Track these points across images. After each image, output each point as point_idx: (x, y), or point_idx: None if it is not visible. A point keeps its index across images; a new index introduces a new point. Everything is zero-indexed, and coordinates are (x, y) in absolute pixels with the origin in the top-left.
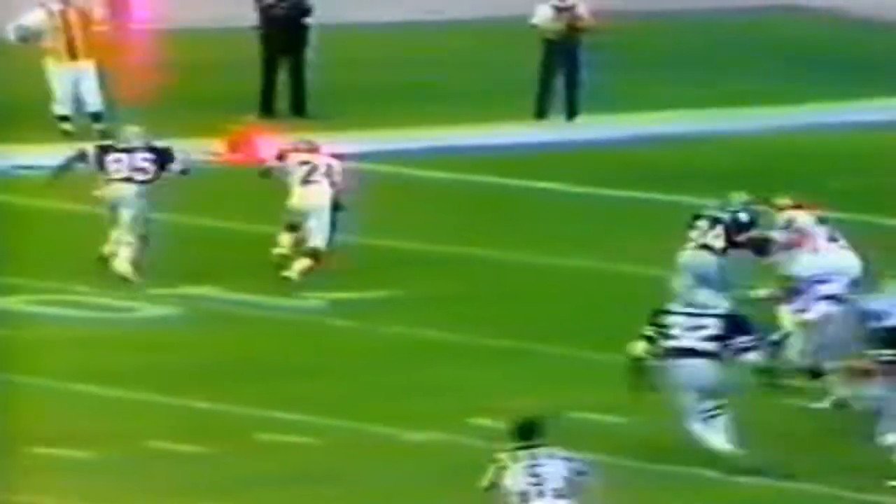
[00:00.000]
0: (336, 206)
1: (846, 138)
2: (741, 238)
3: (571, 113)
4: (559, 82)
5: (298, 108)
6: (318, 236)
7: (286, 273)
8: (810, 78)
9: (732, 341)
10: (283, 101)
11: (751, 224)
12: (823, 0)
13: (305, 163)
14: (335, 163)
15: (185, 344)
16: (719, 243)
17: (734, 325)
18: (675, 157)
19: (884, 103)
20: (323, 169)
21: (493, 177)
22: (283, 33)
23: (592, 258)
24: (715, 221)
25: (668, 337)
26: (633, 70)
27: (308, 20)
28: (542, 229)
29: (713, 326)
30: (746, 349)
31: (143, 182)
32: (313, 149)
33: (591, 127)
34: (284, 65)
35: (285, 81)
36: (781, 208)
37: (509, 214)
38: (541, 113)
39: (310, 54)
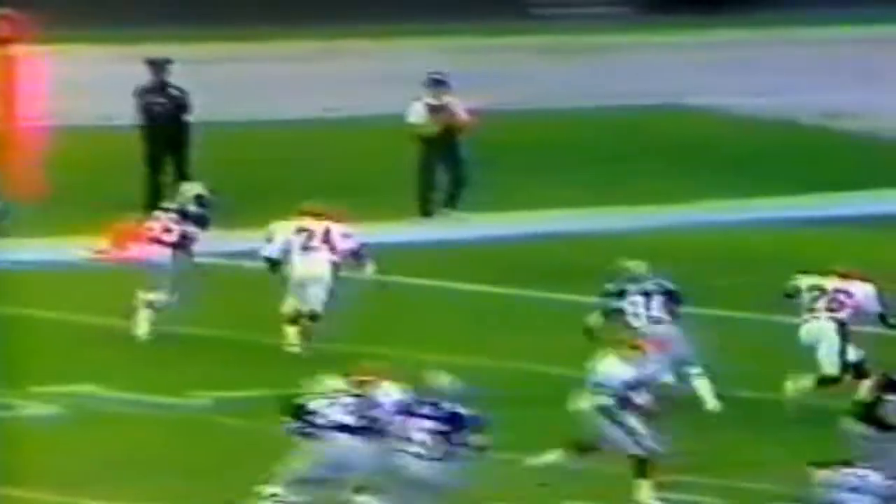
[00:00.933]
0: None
1: (731, 236)
2: None
3: (452, 208)
4: (442, 179)
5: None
6: (317, 301)
7: (290, 348)
8: (694, 176)
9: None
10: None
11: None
12: (706, 99)
13: (303, 230)
14: (334, 227)
15: (70, 443)
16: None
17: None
18: (560, 256)
19: (766, 202)
20: (320, 236)
21: (378, 274)
22: (164, 130)
23: (479, 355)
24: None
25: None
26: (518, 168)
27: (187, 117)
28: (429, 326)
29: None
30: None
31: None
32: (317, 214)
33: (478, 225)
34: (168, 163)
35: (170, 181)
36: None
37: (396, 311)
38: (426, 212)
39: (196, 152)
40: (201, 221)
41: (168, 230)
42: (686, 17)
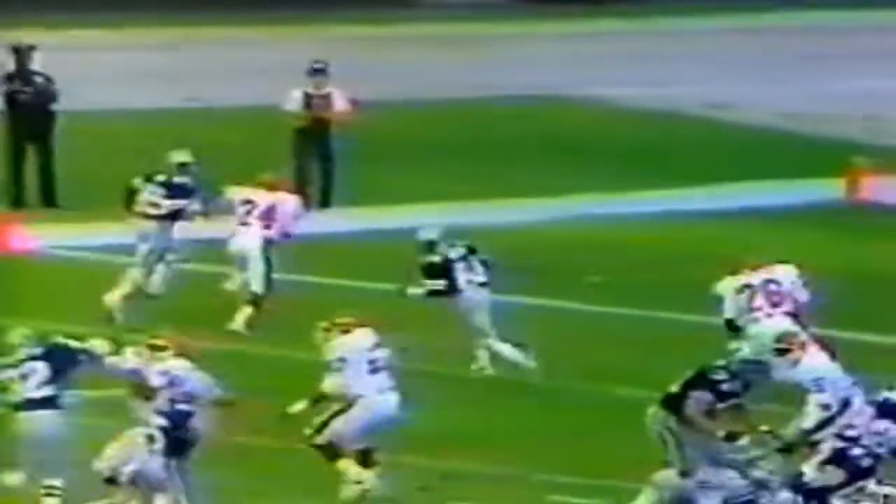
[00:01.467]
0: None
1: (614, 230)
2: None
3: (325, 203)
4: (314, 172)
5: (48, 197)
6: (256, 282)
7: (232, 325)
8: (578, 169)
9: None
10: (31, 190)
11: None
12: (591, 90)
13: (247, 202)
14: (282, 202)
15: None
16: None
17: None
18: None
19: (652, 195)
20: (261, 209)
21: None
22: (29, 120)
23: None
24: None
25: None
26: (400, 160)
27: (54, 106)
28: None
29: None
30: None
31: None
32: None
33: (349, 218)
34: (32, 153)
35: (33, 170)
36: None
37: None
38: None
39: (58, 141)
40: (188, 192)
41: (154, 204)
42: (571, 8)
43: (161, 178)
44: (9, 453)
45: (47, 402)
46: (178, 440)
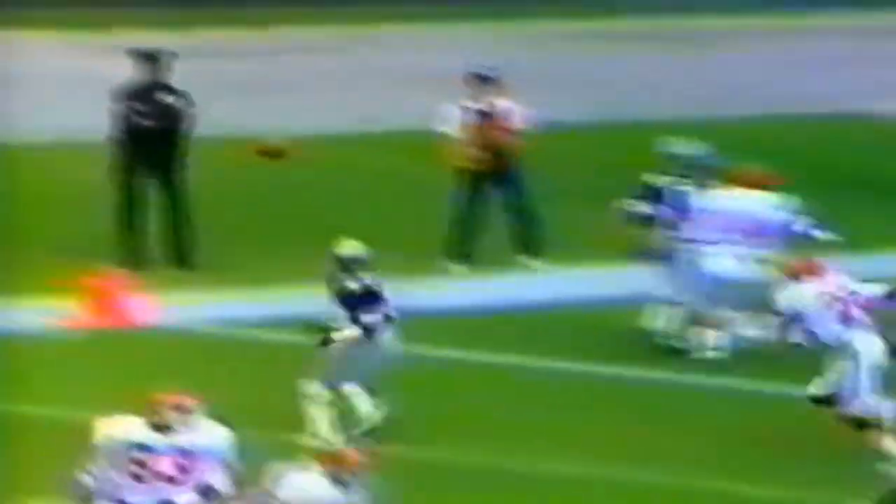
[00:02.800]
0: None
1: None
2: None
3: (530, 253)
4: (483, 221)
5: (179, 254)
6: None
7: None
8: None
9: None
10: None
11: None
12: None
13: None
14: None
15: None
16: None
17: None
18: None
19: None
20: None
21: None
22: (151, 150)
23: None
24: None
25: None
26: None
27: (185, 130)
28: None
29: None
30: None
31: None
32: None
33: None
34: (153, 193)
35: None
36: None
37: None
38: (459, 258)
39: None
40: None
41: None
42: None
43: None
44: None
45: None
46: None
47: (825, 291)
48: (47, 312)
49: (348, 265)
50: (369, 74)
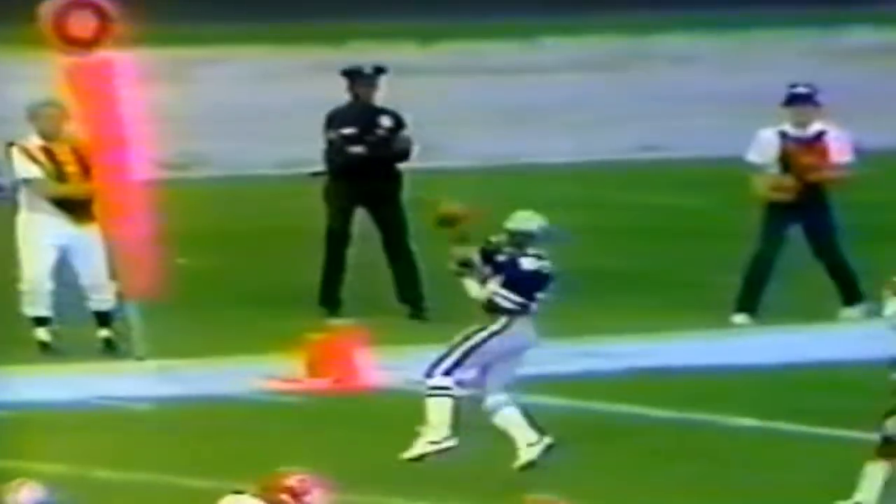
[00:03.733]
0: None
1: None
2: None
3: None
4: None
5: (412, 299)
6: None
7: None
8: None
9: None
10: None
11: None
12: None
13: None
14: None
15: None
16: None
17: None
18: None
19: None
20: None
21: None
22: (365, 185)
23: None
24: None
25: None
26: None
27: (403, 164)
28: None
29: None
30: None
31: None
32: None
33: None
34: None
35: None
36: None
37: None
38: (745, 308)
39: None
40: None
41: None
42: None
43: None
44: None
45: None
46: None
47: None
48: (259, 373)
49: (521, 240)
50: (645, 95)
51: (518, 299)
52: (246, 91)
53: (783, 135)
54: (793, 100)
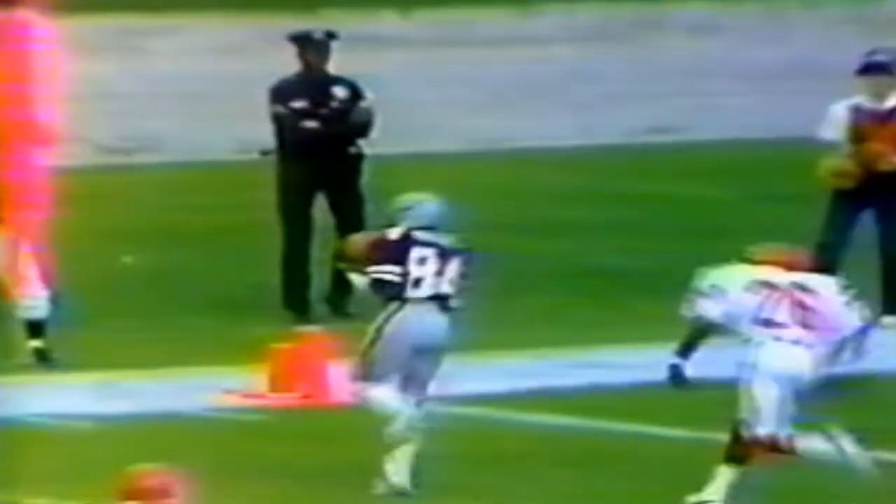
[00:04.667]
0: None
1: None
2: None
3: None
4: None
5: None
6: None
7: None
8: None
9: None
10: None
11: None
12: None
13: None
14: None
15: None
16: None
17: None
18: None
19: None
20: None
21: None
22: (319, 164)
23: None
24: None
25: None
26: None
27: (364, 142)
28: None
29: None
30: None
31: None
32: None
33: None
34: (325, 221)
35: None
36: None
37: None
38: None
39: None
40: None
41: None
42: None
43: None
44: None
45: None
46: None
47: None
48: (217, 387)
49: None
50: (656, 70)
51: (393, 268)
52: (201, 65)
53: (856, 108)
54: (868, 69)
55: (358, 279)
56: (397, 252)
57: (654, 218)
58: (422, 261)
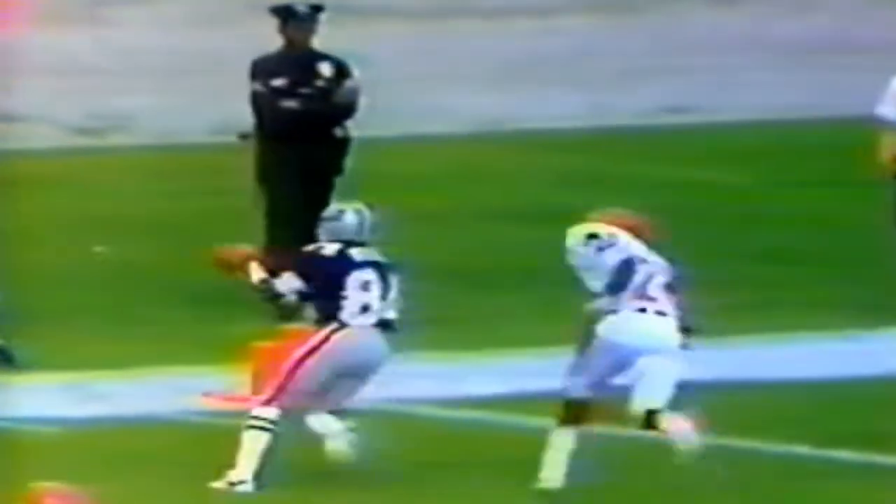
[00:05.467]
0: None
1: None
2: None
3: None
4: None
5: None
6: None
7: None
8: None
9: None
10: None
11: None
12: None
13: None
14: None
15: None
16: None
17: None
18: None
19: None
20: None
21: None
22: (301, 149)
23: None
24: None
25: None
26: None
27: (351, 124)
28: None
29: None
30: None
31: None
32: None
33: None
34: (310, 208)
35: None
36: None
37: None
38: None
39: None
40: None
41: None
42: None
43: None
44: None
45: None
46: None
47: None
48: (194, 388)
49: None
50: (672, 44)
51: (335, 291)
52: (178, 37)
53: None
54: None
55: (286, 284)
56: (334, 272)
57: (671, 206)
58: (365, 286)
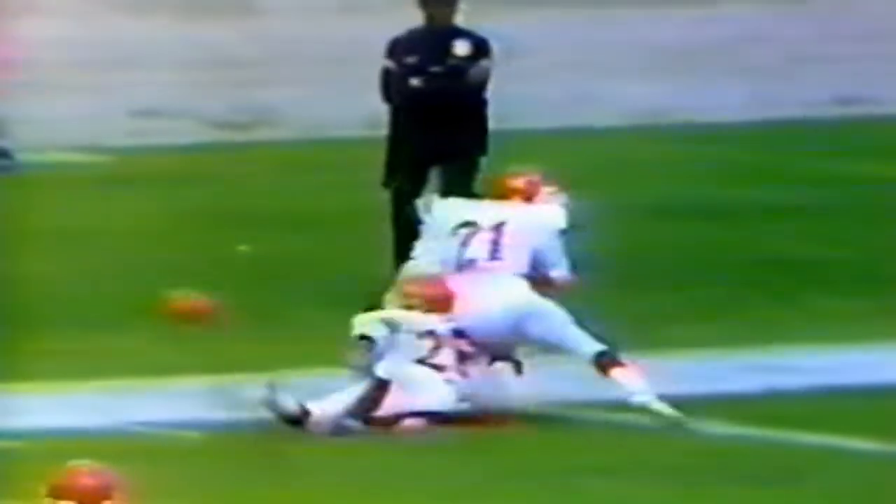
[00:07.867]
0: None
1: None
2: None
3: None
4: None
5: None
6: None
7: None
8: None
9: None
10: None
11: None
12: None
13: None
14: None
15: None
16: None
17: None
18: None
19: None
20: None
21: None
22: (436, 126)
23: None
24: None
25: None
26: None
27: (485, 98)
28: None
29: None
30: None
31: None
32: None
33: None
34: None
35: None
36: None
37: None
38: None
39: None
40: None
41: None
42: None
43: None
44: None
45: None
46: None
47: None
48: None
49: None
50: (843, 30)
51: None
52: (324, 26)
53: None
54: None
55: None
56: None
57: (842, 202)
58: None
